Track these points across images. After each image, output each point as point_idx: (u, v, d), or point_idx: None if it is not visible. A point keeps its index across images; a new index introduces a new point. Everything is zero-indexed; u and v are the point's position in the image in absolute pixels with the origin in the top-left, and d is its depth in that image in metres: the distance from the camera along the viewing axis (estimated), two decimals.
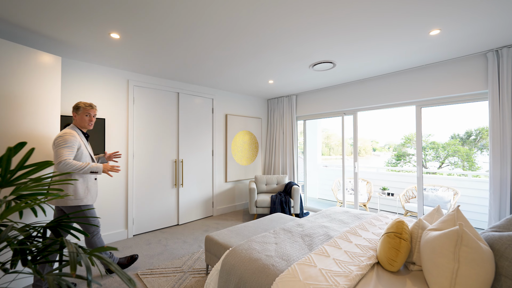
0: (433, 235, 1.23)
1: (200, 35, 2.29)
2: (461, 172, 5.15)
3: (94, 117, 2.18)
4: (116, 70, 3.26)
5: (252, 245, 1.69)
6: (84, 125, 2.13)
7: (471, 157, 7.49)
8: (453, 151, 7.83)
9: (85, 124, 2.13)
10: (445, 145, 8.03)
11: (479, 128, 7.65)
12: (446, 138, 8.13)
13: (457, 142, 7.93)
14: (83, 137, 2.13)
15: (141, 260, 2.68)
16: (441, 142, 8.15)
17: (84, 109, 2.10)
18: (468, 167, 7.43)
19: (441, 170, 7.83)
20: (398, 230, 1.41)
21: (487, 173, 5.88)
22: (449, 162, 7.92)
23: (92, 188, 2.14)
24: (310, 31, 2.23)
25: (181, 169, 3.91)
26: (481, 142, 7.65)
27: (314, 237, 1.83)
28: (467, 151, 7.61)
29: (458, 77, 2.94)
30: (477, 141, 7.76)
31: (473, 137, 7.83)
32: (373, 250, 1.58)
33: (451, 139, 8.04)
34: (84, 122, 2.12)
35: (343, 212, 2.54)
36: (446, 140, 8.10)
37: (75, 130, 2.07)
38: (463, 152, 7.63)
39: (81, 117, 2.10)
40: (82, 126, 2.14)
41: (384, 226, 2.04)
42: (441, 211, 1.70)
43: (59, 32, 2.22)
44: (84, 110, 2.10)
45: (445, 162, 8.04)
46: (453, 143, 7.93)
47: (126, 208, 3.34)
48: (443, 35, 2.34)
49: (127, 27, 2.14)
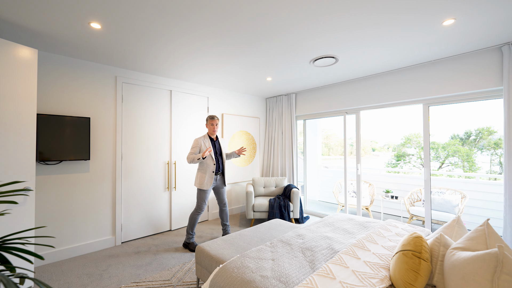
0: (462, 258, 1.02)
1: (190, 23, 2.07)
2: (466, 174, 4.96)
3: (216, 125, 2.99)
4: (102, 65, 3.03)
5: (246, 262, 1.47)
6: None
7: (471, 157, 7.37)
8: (453, 151, 7.71)
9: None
10: (445, 145, 7.89)
11: (479, 128, 7.53)
12: (446, 138, 8.00)
13: (457, 142, 7.80)
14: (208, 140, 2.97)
15: (127, 271, 2.46)
16: (441, 142, 8.01)
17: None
18: (468, 168, 7.30)
19: (443, 171, 7.66)
20: (417, 248, 1.19)
21: (488, 174, 5.68)
22: (449, 162, 7.79)
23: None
24: (310, 19, 2.01)
25: (174, 172, 3.69)
26: (481, 142, 7.53)
27: (317, 252, 1.61)
28: (467, 151, 7.48)
29: (470, 73, 2.73)
30: (477, 141, 7.64)
31: (473, 137, 7.72)
32: (385, 269, 1.37)
33: (451, 139, 7.91)
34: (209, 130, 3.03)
35: (347, 220, 2.33)
36: (446, 140, 7.96)
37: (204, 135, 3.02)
38: (463, 152, 7.51)
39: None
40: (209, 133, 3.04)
41: (394, 237, 1.83)
42: (461, 222, 1.49)
43: (32, 20, 1.99)
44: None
45: (445, 162, 7.90)
46: (453, 143, 7.80)
47: (114, 213, 3.11)
48: (457, 26, 2.13)
49: (107, 15, 1.92)
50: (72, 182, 2.80)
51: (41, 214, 2.61)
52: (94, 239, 2.96)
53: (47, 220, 2.64)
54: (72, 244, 2.80)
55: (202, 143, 2.92)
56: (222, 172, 3.05)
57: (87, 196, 2.91)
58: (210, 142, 2.97)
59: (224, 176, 3.08)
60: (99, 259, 2.72)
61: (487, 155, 7.16)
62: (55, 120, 2.60)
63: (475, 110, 7.50)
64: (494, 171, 6.84)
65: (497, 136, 7.03)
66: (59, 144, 2.63)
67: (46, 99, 2.65)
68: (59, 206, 2.72)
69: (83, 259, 2.72)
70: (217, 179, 3.02)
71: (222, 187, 3.10)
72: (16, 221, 1.91)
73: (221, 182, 3.08)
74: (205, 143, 2.93)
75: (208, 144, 2.93)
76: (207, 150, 2.71)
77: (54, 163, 2.68)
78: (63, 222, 2.75)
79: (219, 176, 3.04)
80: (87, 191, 2.91)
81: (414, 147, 9.04)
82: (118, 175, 3.13)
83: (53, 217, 2.68)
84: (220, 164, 3.02)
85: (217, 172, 2.99)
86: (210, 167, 2.93)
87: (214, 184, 3.01)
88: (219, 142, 3.08)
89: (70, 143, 2.70)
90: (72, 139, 2.71)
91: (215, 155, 2.96)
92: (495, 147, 7.01)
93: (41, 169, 2.61)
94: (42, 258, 0.92)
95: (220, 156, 3.03)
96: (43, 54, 2.63)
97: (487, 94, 2.71)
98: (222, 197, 3.12)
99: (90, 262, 2.66)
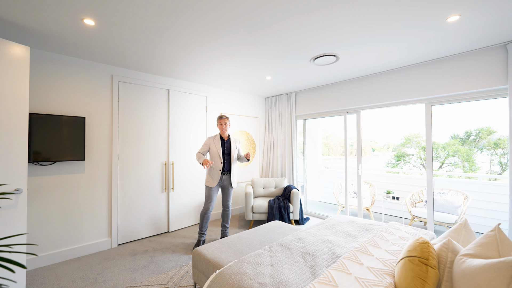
0: (474, 266, 0.96)
1: (187, 19, 2.01)
2: (466, 174, 4.92)
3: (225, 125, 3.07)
4: (97, 64, 2.96)
5: (243, 268, 1.41)
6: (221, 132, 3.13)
7: (471, 157, 7.34)
8: (453, 151, 7.68)
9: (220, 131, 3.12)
10: (445, 145, 7.86)
11: (478, 128, 7.51)
12: (446, 138, 7.97)
13: (457, 142, 7.77)
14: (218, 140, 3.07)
15: (122, 275, 2.40)
16: (441, 143, 7.99)
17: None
18: (468, 168, 7.28)
19: (443, 171, 7.61)
20: (424, 254, 1.13)
21: (488, 174, 5.64)
22: (449, 162, 7.76)
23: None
24: (310, 15, 1.95)
25: (172, 172, 3.62)
26: (481, 142, 7.51)
27: (317, 256, 1.55)
28: (467, 151, 7.46)
29: (474, 72, 2.67)
30: (477, 141, 7.62)
31: (473, 137, 7.69)
32: (390, 275, 1.31)
33: (451, 139, 7.88)
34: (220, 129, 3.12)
35: (349, 222, 2.27)
36: (446, 140, 7.94)
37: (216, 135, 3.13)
38: (463, 152, 7.48)
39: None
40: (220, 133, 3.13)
41: (398, 241, 1.77)
42: (469, 226, 1.43)
43: (23, 16, 1.92)
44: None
45: (445, 162, 7.86)
46: (453, 143, 7.77)
47: (110, 215, 3.04)
48: (461, 22, 2.07)
49: (100, 12, 1.85)
50: (67, 183, 2.74)
51: (34, 216, 2.54)
52: (90, 241, 2.90)
53: (41, 222, 2.58)
54: (67, 246, 2.73)
55: (212, 142, 3.05)
56: (229, 172, 3.08)
57: (83, 197, 2.84)
58: (220, 142, 3.06)
59: (231, 176, 3.09)
60: (94, 262, 2.66)
61: (487, 155, 7.13)
62: (49, 119, 2.53)
63: (475, 110, 7.47)
64: (494, 171, 6.81)
65: (497, 136, 7.00)
66: (53, 144, 2.56)
67: (40, 98, 2.59)
68: (53, 208, 2.65)
69: (78, 262, 2.66)
70: (223, 178, 3.06)
71: (229, 187, 3.12)
72: (6, 224, 1.85)
73: (228, 182, 3.10)
74: (215, 142, 3.05)
75: (217, 144, 3.03)
76: (208, 163, 2.77)
77: (48, 164, 2.61)
78: (57, 224, 2.68)
79: (225, 176, 3.07)
80: (83, 192, 2.85)
81: (414, 147, 8.99)
82: (114, 175, 3.06)
83: (47, 219, 2.62)
84: (226, 163, 3.06)
85: (224, 171, 3.04)
86: (217, 165, 3.01)
87: (220, 183, 3.07)
88: (230, 142, 3.13)
89: (64, 143, 2.63)
90: (66, 139, 2.64)
91: (222, 154, 3.03)
92: (495, 147, 6.98)
93: (34, 170, 2.54)
94: (24, 267, 0.86)
95: (228, 156, 3.08)
96: (36, 51, 2.56)
97: (492, 93, 2.65)
98: (227, 198, 3.16)
99: (85, 265, 2.60)
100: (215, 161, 3.01)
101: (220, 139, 3.09)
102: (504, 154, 6.75)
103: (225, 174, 3.07)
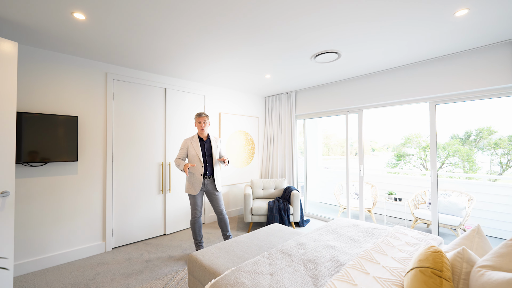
0: (496, 280, 0.86)
1: (182, 14, 1.91)
2: (467, 174, 4.84)
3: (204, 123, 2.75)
4: (90, 61, 2.86)
5: (240, 278, 1.31)
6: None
7: (472, 158, 7.29)
8: (454, 151, 7.63)
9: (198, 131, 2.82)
10: (445, 145, 7.80)
11: (479, 128, 7.45)
12: (446, 138, 7.91)
13: (458, 142, 7.72)
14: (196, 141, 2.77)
15: (116, 281, 2.30)
16: (441, 143, 7.93)
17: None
18: (468, 168, 7.22)
19: (443, 171, 7.54)
20: (437, 265, 1.04)
21: (488, 175, 5.54)
22: (450, 162, 7.71)
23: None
24: (311, 9, 1.86)
25: (169, 173, 3.52)
26: (481, 142, 7.46)
27: (320, 264, 1.46)
28: (467, 152, 7.40)
29: (480, 70, 2.58)
30: (477, 141, 7.57)
31: (473, 137, 7.64)
32: (398, 286, 1.21)
33: (451, 139, 7.83)
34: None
35: (352, 226, 2.17)
36: (446, 140, 7.88)
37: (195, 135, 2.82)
38: (463, 153, 7.43)
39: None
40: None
41: (404, 247, 1.67)
42: (482, 232, 1.34)
43: (9, 9, 1.82)
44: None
45: (445, 162, 7.80)
46: (453, 143, 7.72)
47: (104, 218, 2.94)
48: (470, 17, 1.97)
49: (91, 5, 1.75)
50: (58, 185, 2.64)
51: (24, 219, 2.44)
52: (83, 245, 2.80)
53: (31, 225, 2.48)
54: (58, 250, 2.63)
55: (190, 144, 2.74)
56: (212, 175, 2.78)
57: (75, 199, 2.74)
58: (199, 143, 2.75)
59: (214, 180, 2.77)
60: (87, 267, 2.56)
61: (487, 155, 7.07)
62: (40, 119, 2.43)
63: (476, 110, 7.40)
64: (494, 171, 6.75)
65: (497, 136, 6.95)
66: (45, 144, 2.46)
67: (30, 97, 2.48)
68: (44, 210, 2.55)
69: (70, 267, 2.56)
70: (205, 183, 2.74)
71: (214, 192, 2.78)
72: None
73: (212, 187, 2.78)
74: (193, 144, 2.73)
75: (196, 145, 2.72)
76: (187, 167, 2.52)
77: (39, 165, 2.51)
78: (49, 227, 2.58)
79: (208, 180, 2.76)
80: (75, 194, 2.75)
81: (414, 147, 8.92)
82: (108, 177, 2.96)
83: (38, 222, 2.52)
84: (208, 166, 2.76)
85: (205, 175, 2.74)
86: (198, 169, 2.70)
87: (203, 189, 2.75)
88: (210, 143, 2.82)
89: (56, 144, 2.53)
90: (59, 140, 2.54)
91: (203, 156, 2.73)
92: (495, 147, 6.92)
93: (24, 171, 2.44)
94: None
95: (210, 157, 2.78)
96: (24, 48, 2.46)
97: (499, 91, 2.56)
98: (217, 204, 2.80)
99: (77, 270, 2.50)
100: (196, 165, 2.70)
101: (199, 140, 2.78)
102: (505, 154, 6.70)
103: (208, 178, 2.74)
